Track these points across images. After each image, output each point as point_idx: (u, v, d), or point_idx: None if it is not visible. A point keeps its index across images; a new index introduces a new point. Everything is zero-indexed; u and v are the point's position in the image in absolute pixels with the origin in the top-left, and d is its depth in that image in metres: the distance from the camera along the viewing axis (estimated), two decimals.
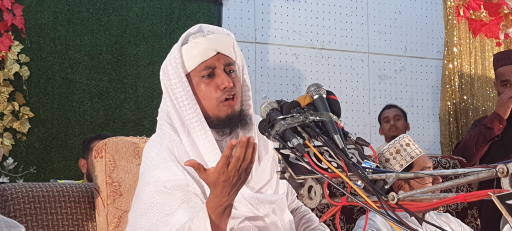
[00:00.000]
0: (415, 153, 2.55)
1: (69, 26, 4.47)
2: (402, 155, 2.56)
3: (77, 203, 2.28)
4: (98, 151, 2.26)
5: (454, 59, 4.73)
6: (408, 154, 2.54)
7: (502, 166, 1.05)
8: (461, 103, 4.69)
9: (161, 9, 4.73)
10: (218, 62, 1.93)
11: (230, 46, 1.97)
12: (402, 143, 2.57)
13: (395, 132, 4.62)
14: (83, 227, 2.26)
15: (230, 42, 1.97)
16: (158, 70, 1.86)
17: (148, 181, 1.88)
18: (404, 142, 2.57)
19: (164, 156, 1.89)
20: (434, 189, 1.17)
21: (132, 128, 4.53)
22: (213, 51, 1.93)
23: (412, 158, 2.55)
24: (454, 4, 4.75)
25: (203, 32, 2.00)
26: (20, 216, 2.16)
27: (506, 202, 1.02)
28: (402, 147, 2.56)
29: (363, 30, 5.43)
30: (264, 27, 5.07)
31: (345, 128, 1.46)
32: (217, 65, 1.93)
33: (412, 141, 2.60)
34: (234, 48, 1.99)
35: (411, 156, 2.55)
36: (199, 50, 1.93)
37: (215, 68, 1.93)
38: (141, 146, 2.31)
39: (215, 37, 1.95)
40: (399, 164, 2.55)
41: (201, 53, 1.93)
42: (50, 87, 4.38)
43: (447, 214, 2.78)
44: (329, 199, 1.28)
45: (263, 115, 1.51)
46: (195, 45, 1.94)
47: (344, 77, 5.32)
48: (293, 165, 1.34)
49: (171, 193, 1.82)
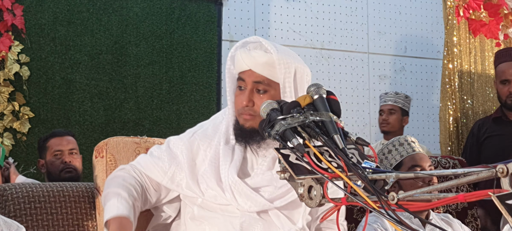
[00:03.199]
0: (406, 152, 2.58)
1: (69, 26, 4.47)
2: (393, 154, 2.59)
3: (77, 203, 2.28)
4: (98, 150, 2.26)
5: (454, 59, 4.73)
6: (398, 153, 2.57)
7: (502, 166, 1.05)
8: (461, 103, 4.69)
9: (161, 9, 4.73)
10: (248, 78, 1.98)
11: (266, 64, 1.96)
12: (395, 143, 2.61)
13: (386, 126, 4.53)
14: (83, 227, 2.26)
15: (265, 61, 1.96)
16: (158, 70, 1.88)
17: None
18: (398, 142, 2.61)
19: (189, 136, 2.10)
20: (434, 189, 1.17)
21: (132, 128, 4.53)
22: (246, 66, 1.98)
23: (401, 156, 2.59)
24: (454, 4, 4.75)
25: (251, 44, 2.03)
26: (20, 216, 2.16)
27: (506, 202, 1.02)
28: (394, 146, 2.60)
29: (363, 30, 5.43)
30: (264, 27, 5.07)
31: (345, 128, 1.47)
32: (247, 80, 1.99)
33: (408, 140, 2.61)
34: (273, 68, 1.96)
35: (401, 155, 2.58)
36: (239, 60, 2.00)
37: (245, 82, 1.99)
38: (142, 145, 2.31)
39: (249, 54, 1.98)
40: (390, 162, 2.59)
41: (238, 64, 2.01)
42: (50, 87, 4.38)
43: (447, 215, 2.78)
44: (329, 199, 1.28)
45: (263, 115, 1.51)
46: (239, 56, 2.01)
47: (344, 77, 5.32)
48: (293, 165, 1.34)
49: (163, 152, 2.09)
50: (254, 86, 1.98)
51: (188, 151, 2.06)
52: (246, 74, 1.98)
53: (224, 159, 2.00)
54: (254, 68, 1.97)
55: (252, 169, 2.04)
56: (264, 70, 1.96)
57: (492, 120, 4.02)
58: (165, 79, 4.69)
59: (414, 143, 2.66)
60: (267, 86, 1.97)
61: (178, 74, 4.73)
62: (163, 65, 4.70)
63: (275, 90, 1.97)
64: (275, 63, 1.95)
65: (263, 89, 1.97)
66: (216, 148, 2.04)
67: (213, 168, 2.01)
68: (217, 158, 2.03)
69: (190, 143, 2.07)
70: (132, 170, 2.07)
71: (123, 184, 1.98)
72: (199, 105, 4.75)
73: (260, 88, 1.97)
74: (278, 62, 1.95)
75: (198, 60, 4.79)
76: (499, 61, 4.03)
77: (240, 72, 2.00)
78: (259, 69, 1.97)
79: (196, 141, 2.08)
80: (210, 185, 1.99)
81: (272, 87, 1.98)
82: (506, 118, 3.95)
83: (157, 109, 4.65)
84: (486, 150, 3.95)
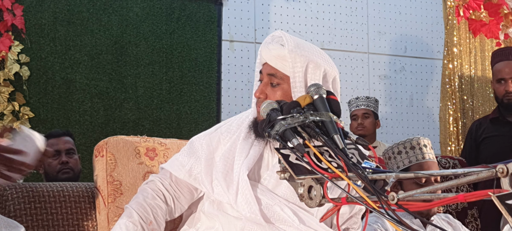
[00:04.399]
0: (416, 158, 2.53)
1: (69, 26, 4.47)
2: (402, 157, 2.55)
3: (77, 203, 2.28)
4: (99, 150, 2.26)
5: (454, 59, 4.74)
6: (407, 157, 2.53)
7: (502, 166, 1.05)
8: (461, 103, 4.69)
9: (161, 9, 4.73)
10: (264, 70, 2.02)
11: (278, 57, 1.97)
12: (407, 145, 2.57)
13: (363, 130, 4.54)
14: (83, 227, 2.26)
15: (278, 54, 1.97)
16: (158, 70, 1.88)
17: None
18: (410, 144, 2.56)
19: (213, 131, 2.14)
20: (434, 189, 1.17)
21: (132, 128, 4.53)
22: (264, 59, 2.02)
23: (410, 162, 2.54)
24: (454, 4, 4.75)
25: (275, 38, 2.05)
26: (20, 216, 2.16)
27: (506, 202, 1.02)
28: (404, 149, 2.56)
29: (363, 30, 5.43)
30: (264, 27, 5.07)
31: (345, 128, 1.47)
32: (264, 73, 2.02)
33: (421, 143, 2.57)
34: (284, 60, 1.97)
35: (410, 160, 2.54)
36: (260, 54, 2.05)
37: (262, 75, 2.03)
38: (142, 145, 2.31)
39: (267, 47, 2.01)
40: (397, 165, 2.55)
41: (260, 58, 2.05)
42: (50, 87, 4.38)
43: (448, 215, 2.77)
44: (329, 199, 1.28)
45: (263, 115, 1.51)
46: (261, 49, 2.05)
47: (344, 77, 5.32)
48: (293, 165, 1.34)
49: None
50: (269, 79, 1.99)
51: (208, 145, 2.07)
52: (264, 67, 2.02)
53: (240, 154, 2.00)
54: (269, 61, 1.99)
55: (267, 168, 2.03)
56: (277, 63, 1.97)
57: (490, 121, 4.01)
58: (165, 79, 4.69)
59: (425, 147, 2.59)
60: (280, 79, 1.97)
61: (178, 74, 4.73)
62: (163, 65, 4.70)
63: (288, 84, 1.97)
64: (286, 56, 1.95)
65: (276, 82, 1.98)
66: (234, 142, 2.05)
67: (224, 162, 2.01)
68: (232, 152, 2.03)
69: (211, 138, 2.10)
70: (160, 181, 2.09)
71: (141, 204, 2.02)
72: (199, 105, 4.75)
73: (274, 82, 1.98)
74: (289, 55, 1.95)
75: (198, 60, 4.78)
76: (495, 60, 4.03)
77: (261, 65, 2.04)
78: (272, 62, 1.98)
79: (217, 135, 2.10)
80: (219, 179, 1.99)
81: (284, 81, 1.97)
82: (503, 119, 3.94)
83: (157, 109, 4.65)
84: (484, 151, 3.94)
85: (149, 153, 2.32)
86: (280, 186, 1.98)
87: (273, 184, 1.99)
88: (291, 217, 1.94)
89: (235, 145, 2.03)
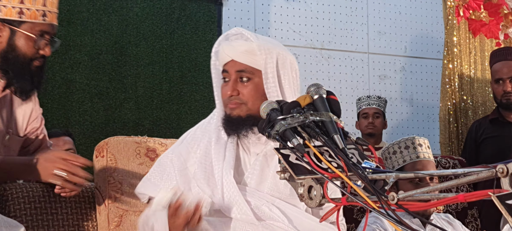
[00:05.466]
0: (410, 157, 2.53)
1: (69, 26, 4.47)
2: (397, 157, 2.56)
3: (77, 203, 2.28)
4: (99, 150, 2.27)
5: (454, 59, 4.73)
6: (402, 157, 2.54)
7: (502, 166, 1.05)
8: (461, 103, 4.69)
9: (161, 9, 4.73)
10: (231, 68, 2.00)
11: (247, 52, 1.98)
12: (401, 145, 2.57)
13: (373, 129, 4.56)
14: (83, 227, 2.26)
15: (246, 49, 1.98)
16: (158, 70, 1.87)
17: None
18: (405, 144, 2.57)
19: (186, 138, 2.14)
20: (434, 189, 1.17)
21: (132, 128, 4.53)
22: (228, 57, 2.00)
23: (404, 161, 2.55)
24: (454, 4, 4.75)
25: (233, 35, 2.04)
26: (20, 216, 2.16)
27: (506, 202, 1.02)
28: (399, 148, 2.57)
29: (363, 30, 5.43)
30: (264, 27, 5.07)
31: (345, 128, 1.47)
32: (230, 71, 2.00)
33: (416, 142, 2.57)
34: (254, 55, 1.98)
35: (404, 159, 2.54)
36: (222, 53, 2.02)
37: (228, 73, 2.01)
38: (142, 145, 2.32)
39: (230, 44, 2.00)
40: (392, 164, 2.56)
41: (221, 57, 2.03)
42: (50, 87, 4.38)
43: (448, 215, 2.77)
44: (329, 199, 1.29)
45: (263, 115, 1.51)
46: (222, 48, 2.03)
47: (344, 77, 5.32)
48: (293, 165, 1.34)
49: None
50: (238, 76, 1.99)
51: (179, 157, 2.06)
52: (229, 65, 2.00)
53: (216, 157, 2.01)
54: (236, 58, 1.99)
55: (246, 168, 2.03)
56: (246, 58, 1.98)
57: (489, 121, 4.01)
58: (165, 79, 4.69)
59: (421, 146, 2.59)
60: (250, 74, 1.99)
61: (178, 74, 4.72)
62: (163, 65, 4.69)
63: (259, 78, 1.99)
64: (256, 50, 1.97)
65: (247, 77, 1.99)
66: (207, 147, 2.04)
67: (203, 168, 2.01)
68: (208, 156, 2.03)
69: (179, 150, 2.08)
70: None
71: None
72: (199, 105, 4.75)
73: (244, 77, 1.99)
74: (259, 49, 1.97)
75: (198, 60, 4.78)
76: (494, 60, 4.03)
77: (224, 64, 2.02)
78: (241, 58, 1.98)
79: (185, 146, 2.09)
80: (201, 186, 1.98)
81: (255, 75, 1.99)
82: (502, 119, 3.94)
83: (157, 109, 4.65)
84: (484, 151, 3.94)
85: (149, 153, 2.33)
86: (264, 183, 1.99)
87: (256, 181, 2.00)
88: (280, 216, 1.95)
89: (209, 150, 2.03)
